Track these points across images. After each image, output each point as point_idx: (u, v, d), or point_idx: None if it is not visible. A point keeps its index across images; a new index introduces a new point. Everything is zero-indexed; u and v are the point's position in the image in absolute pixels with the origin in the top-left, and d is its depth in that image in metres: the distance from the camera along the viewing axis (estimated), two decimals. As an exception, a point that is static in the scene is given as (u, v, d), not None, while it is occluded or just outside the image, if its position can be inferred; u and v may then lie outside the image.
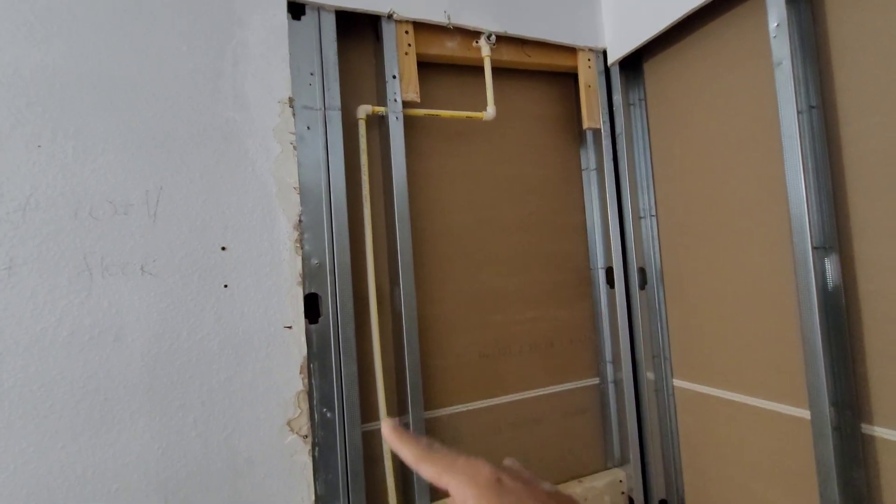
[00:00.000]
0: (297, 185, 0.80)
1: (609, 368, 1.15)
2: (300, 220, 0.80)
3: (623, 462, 1.13)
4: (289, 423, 0.77)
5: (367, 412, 0.89)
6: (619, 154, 1.13)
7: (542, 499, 0.29)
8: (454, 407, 0.99)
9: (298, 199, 0.80)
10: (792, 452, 0.82)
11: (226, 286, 0.74)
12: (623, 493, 1.10)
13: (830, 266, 0.73)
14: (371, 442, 0.89)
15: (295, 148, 0.81)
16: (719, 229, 0.97)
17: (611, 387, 1.15)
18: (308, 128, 0.83)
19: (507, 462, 0.33)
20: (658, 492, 1.09)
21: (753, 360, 0.90)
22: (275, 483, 0.75)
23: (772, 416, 0.86)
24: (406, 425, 0.90)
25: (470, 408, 1.01)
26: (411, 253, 0.90)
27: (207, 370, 0.72)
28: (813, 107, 0.77)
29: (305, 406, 0.78)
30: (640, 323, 1.10)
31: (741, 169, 0.90)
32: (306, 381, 0.78)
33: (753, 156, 0.88)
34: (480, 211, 1.06)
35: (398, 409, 0.93)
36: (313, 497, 0.78)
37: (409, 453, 0.31)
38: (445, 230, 1.02)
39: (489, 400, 1.03)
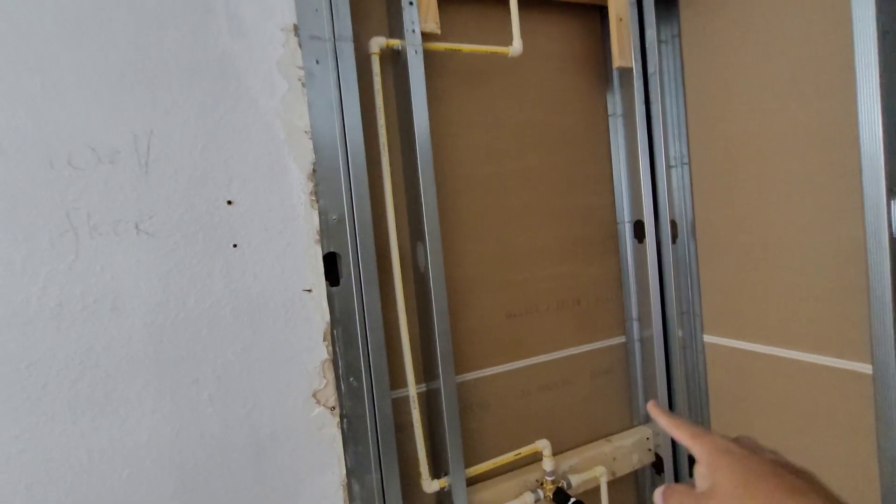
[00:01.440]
0: (308, 130, 0.70)
1: (635, 326, 1.11)
2: (314, 170, 0.70)
3: (649, 419, 1.10)
4: (314, 395, 0.70)
5: (393, 379, 0.83)
6: (652, 97, 1.04)
7: (764, 462, 0.34)
8: (482, 371, 0.93)
9: (311, 146, 0.70)
10: (840, 406, 0.79)
11: (235, 246, 0.65)
12: (650, 449, 1.08)
13: (903, 209, 0.67)
14: (398, 410, 0.83)
15: (304, 86, 0.70)
16: (763, 176, 0.90)
17: (636, 345, 1.11)
18: (317, 62, 0.71)
19: (741, 436, 0.39)
20: (685, 447, 1.07)
21: (799, 312, 0.85)
22: (302, 459, 0.69)
23: (818, 370, 0.83)
24: (436, 391, 0.84)
25: (498, 371, 0.95)
26: (436, 207, 0.81)
27: (221, 341, 0.64)
28: (887, 32, 0.68)
29: (331, 376, 0.71)
30: (671, 278, 1.05)
31: (796, 108, 0.83)
32: (330, 348, 0.71)
33: (814, 91, 0.79)
34: (503, 161, 0.97)
35: (425, 374, 0.87)
36: (344, 471, 0.72)
37: (666, 422, 0.41)
38: (466, 183, 0.93)
39: (517, 362, 0.97)
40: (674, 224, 1.07)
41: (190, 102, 0.63)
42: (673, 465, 1.07)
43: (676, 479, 1.08)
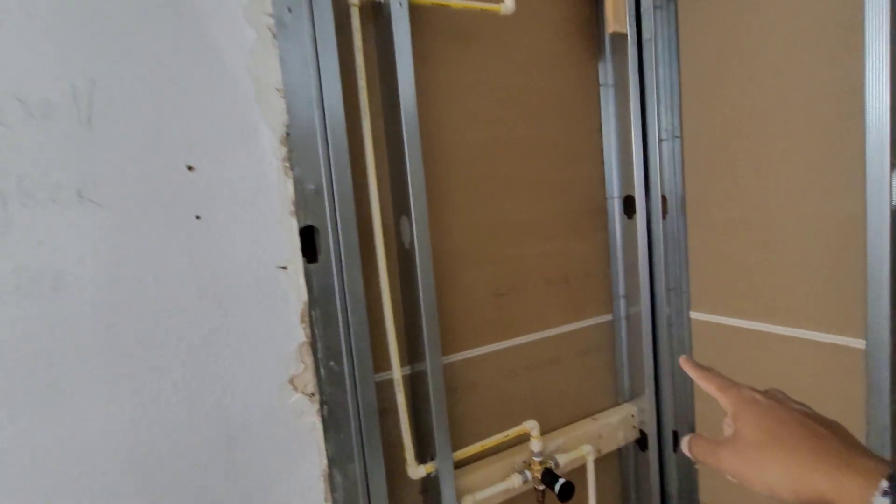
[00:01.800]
0: (280, 87, 0.62)
1: (622, 304, 1.09)
2: (287, 134, 0.63)
3: (633, 396, 1.10)
4: (291, 381, 0.64)
5: (376, 362, 0.78)
6: (646, 66, 0.99)
7: (791, 412, 0.35)
8: (469, 351, 0.90)
9: (284, 106, 0.62)
10: (829, 381, 0.79)
11: (198, 217, 0.58)
12: (635, 427, 1.08)
13: (904, 182, 0.66)
14: (382, 394, 0.79)
15: (275, 36, 0.62)
16: (757, 148, 0.87)
17: (623, 323, 1.09)
18: (289, 10, 0.63)
19: (770, 389, 0.39)
20: (669, 424, 1.07)
21: (790, 288, 0.84)
22: (279, 449, 0.64)
23: (807, 345, 0.82)
24: (422, 374, 0.80)
25: (485, 351, 0.92)
26: (423, 177, 0.75)
27: (185, 323, 0.57)
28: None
29: (310, 360, 0.65)
30: (661, 254, 1.03)
31: (796, 76, 0.80)
32: (308, 330, 0.65)
33: (815, 58, 0.76)
34: (491, 129, 0.91)
35: (410, 356, 0.83)
36: (325, 461, 0.67)
37: (696, 375, 0.43)
38: (452, 152, 0.87)
39: (504, 342, 0.94)
40: (664, 199, 1.04)
41: (141, 51, 0.55)
42: (658, 441, 1.07)
43: (661, 455, 1.08)
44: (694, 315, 1.04)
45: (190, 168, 0.57)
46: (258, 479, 0.63)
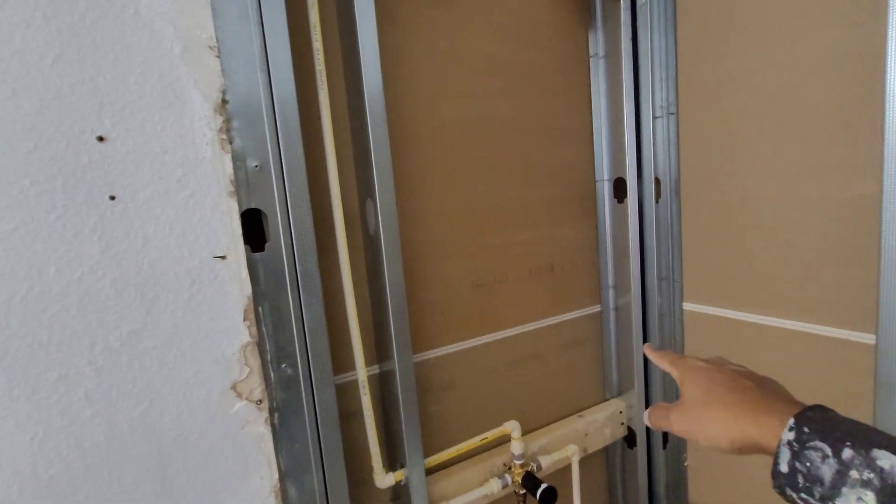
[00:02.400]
0: (213, 45, 0.53)
1: (611, 294, 1.02)
2: (224, 100, 0.54)
3: (621, 391, 1.04)
4: (234, 387, 0.56)
5: (337, 362, 0.70)
6: (640, 34, 0.91)
7: (725, 372, 0.41)
8: (445, 348, 0.82)
9: (219, 66, 0.53)
10: (833, 377, 0.73)
11: (112, 198, 0.48)
12: (623, 423, 1.02)
13: (926, 161, 0.59)
14: (347, 396, 0.71)
15: (205, -18, 0.52)
16: (759, 125, 0.80)
17: (612, 314, 1.03)
18: (224, -49, 0.53)
19: (713, 357, 0.45)
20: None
21: (791, 277, 0.78)
22: (221, 464, 0.56)
23: (810, 339, 0.76)
24: (390, 374, 0.72)
25: (463, 347, 0.84)
26: (389, 155, 0.67)
27: (99, 323, 0.49)
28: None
29: (256, 362, 0.57)
30: (653, 242, 0.96)
31: (805, 43, 0.72)
32: (254, 329, 0.57)
33: (828, 23, 0.69)
34: (469, 104, 0.82)
35: (378, 354, 0.75)
36: (276, 474, 0.60)
37: (653, 357, 0.48)
38: (426, 129, 0.78)
39: (484, 337, 0.86)
40: (657, 182, 0.97)
41: (34, -6, 0.45)
42: (646, 438, 1.02)
43: (649, 452, 1.03)
44: (687, 306, 0.98)
45: (101, 139, 0.47)
46: (197, 498, 0.55)
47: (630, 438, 1.03)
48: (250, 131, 0.56)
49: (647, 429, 1.02)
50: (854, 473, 0.27)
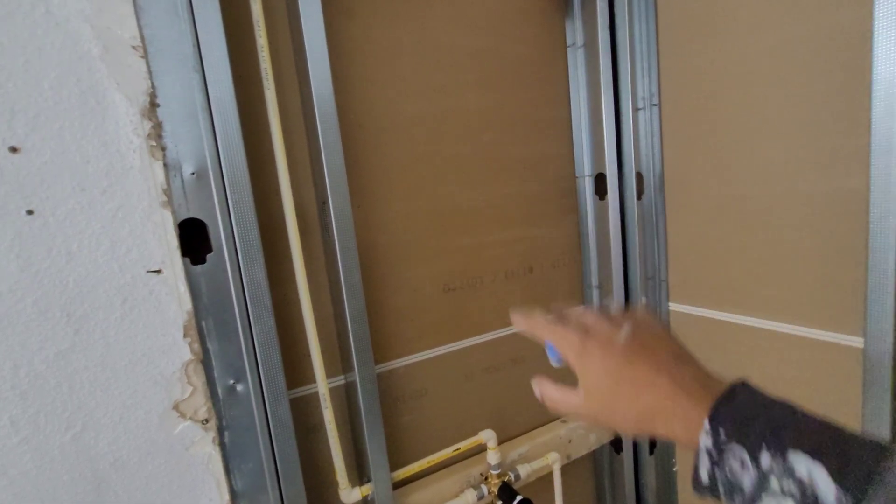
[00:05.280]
0: (138, 43, 0.49)
1: (594, 294, 0.98)
2: (153, 103, 0.50)
3: (608, 395, 1.00)
4: (176, 407, 0.53)
5: (296, 375, 0.67)
6: (618, 21, 0.86)
7: (622, 362, 0.35)
8: (414, 356, 0.79)
9: (145, 67, 0.49)
10: (820, 382, 0.69)
11: (30, 212, 0.45)
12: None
13: (917, 152, 0.54)
14: (305, 409, 0.68)
15: (126, -23, 0.48)
16: (746, 117, 0.75)
17: (596, 315, 0.99)
18: (148, -57, 0.50)
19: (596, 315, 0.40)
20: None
21: (780, 278, 0.73)
22: (164, 489, 0.53)
23: (797, 342, 0.72)
24: (351, 385, 0.69)
25: (435, 354, 0.81)
26: (342, 155, 0.63)
27: (22, 345, 0.46)
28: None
29: (200, 380, 0.54)
30: (636, 240, 0.91)
31: (791, 27, 0.67)
32: (196, 345, 0.54)
33: (816, 3, 0.64)
34: (438, 98, 0.78)
35: (342, 365, 0.72)
36: (227, 496, 0.57)
37: (524, 324, 0.43)
38: (390, 127, 0.74)
39: (458, 343, 0.83)
40: (640, 177, 0.92)
41: (-65, -4, 0.42)
42: (633, 442, 0.98)
43: (636, 457, 0.99)
44: (673, 307, 0.94)
45: (13, 149, 0.44)
46: (139, 524, 0.52)
47: (616, 443, 0.99)
48: (185, 136, 0.52)
49: (634, 433, 0.98)
50: (774, 483, 0.26)
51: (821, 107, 0.65)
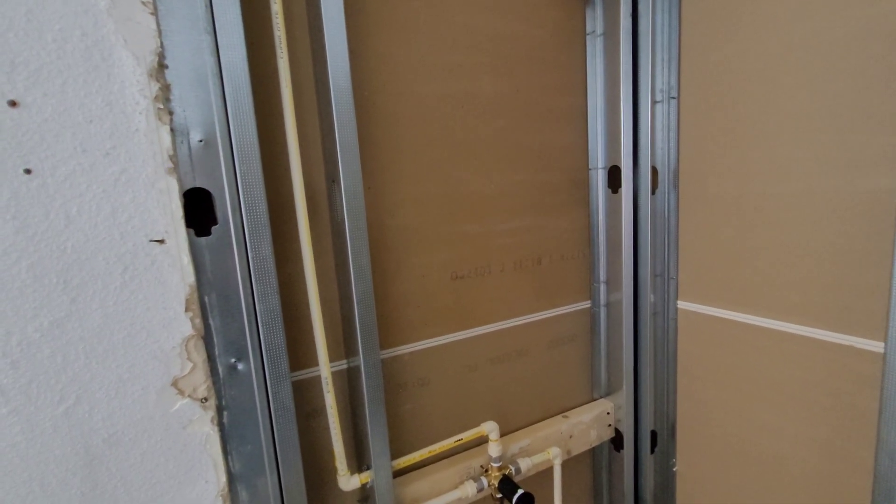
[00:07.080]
0: (147, 0, 0.47)
1: (602, 290, 0.96)
2: (161, 63, 0.48)
3: (610, 392, 0.99)
4: (175, 384, 0.51)
5: (300, 357, 0.65)
6: (641, 10, 0.84)
7: None
8: (419, 343, 0.77)
9: (154, 25, 0.47)
10: (834, 386, 0.68)
11: (28, 172, 0.43)
12: (610, 425, 0.97)
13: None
14: (306, 393, 0.66)
15: (139, -72, 0.46)
16: (766, 111, 0.73)
17: (602, 311, 0.97)
18: None
19: None
20: (647, 423, 0.97)
21: (795, 278, 0.72)
22: (159, 467, 0.51)
23: (812, 345, 0.70)
24: (354, 370, 0.67)
25: (440, 342, 0.79)
26: (356, 132, 0.61)
27: (15, 311, 0.43)
28: None
29: (200, 357, 0.52)
30: (648, 236, 0.90)
31: (822, 21, 0.65)
32: (198, 321, 0.52)
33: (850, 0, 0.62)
34: (453, 81, 0.76)
35: (346, 349, 0.70)
36: (224, 477, 0.55)
37: None
38: (404, 107, 0.72)
39: (463, 332, 0.81)
40: (654, 171, 0.90)
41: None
42: (634, 441, 0.97)
43: (637, 456, 0.98)
44: (682, 304, 0.92)
45: (13, 103, 0.42)
46: (132, 503, 0.50)
47: (617, 441, 0.98)
48: (194, 101, 0.50)
49: (635, 431, 0.97)
50: None
51: (848, 104, 0.63)
